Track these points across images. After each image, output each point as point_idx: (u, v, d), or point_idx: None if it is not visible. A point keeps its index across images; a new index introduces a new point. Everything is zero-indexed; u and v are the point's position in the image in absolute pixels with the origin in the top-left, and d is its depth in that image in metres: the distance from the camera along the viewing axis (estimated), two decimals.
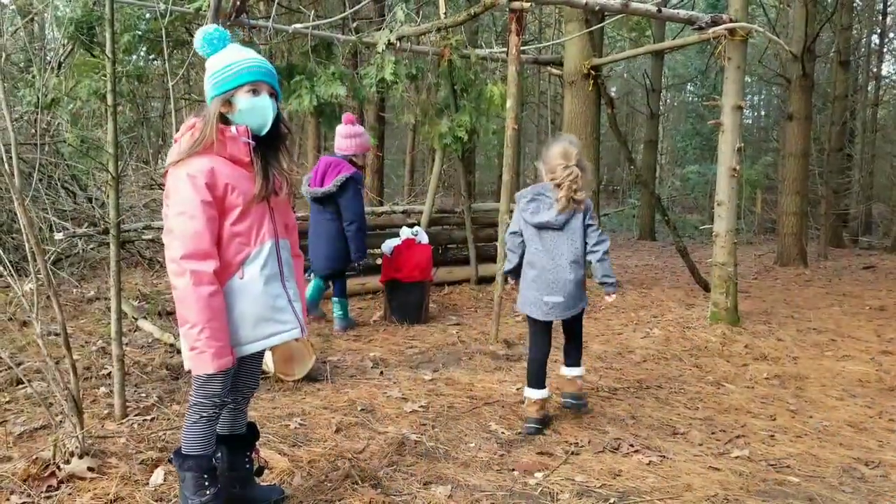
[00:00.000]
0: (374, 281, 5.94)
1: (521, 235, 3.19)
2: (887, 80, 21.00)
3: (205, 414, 2.05)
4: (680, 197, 23.15)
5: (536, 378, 3.12)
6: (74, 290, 5.65)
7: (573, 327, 3.26)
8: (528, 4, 4.15)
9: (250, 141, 2.04)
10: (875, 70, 18.84)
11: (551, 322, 3.16)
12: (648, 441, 3.03)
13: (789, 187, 10.28)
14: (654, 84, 16.19)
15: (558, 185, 3.08)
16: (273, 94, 2.06)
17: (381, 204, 9.93)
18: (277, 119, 2.08)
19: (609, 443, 2.97)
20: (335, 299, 5.00)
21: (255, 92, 2.01)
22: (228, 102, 2.01)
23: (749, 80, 19.75)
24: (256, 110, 2.02)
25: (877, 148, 18.37)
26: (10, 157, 2.53)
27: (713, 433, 3.19)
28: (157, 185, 9.84)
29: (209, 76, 2.02)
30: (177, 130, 2.09)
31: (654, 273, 9.46)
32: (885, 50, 19.38)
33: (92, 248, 6.88)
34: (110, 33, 2.80)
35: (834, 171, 13.60)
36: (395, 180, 17.18)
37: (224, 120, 2.03)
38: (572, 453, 2.84)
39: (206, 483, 2.06)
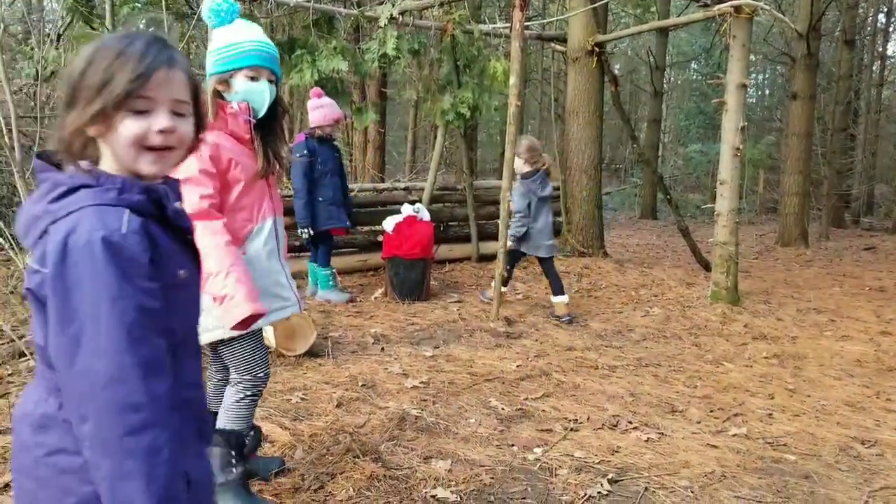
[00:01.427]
0: (375, 258, 5.95)
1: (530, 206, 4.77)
2: (893, 60, 20.81)
3: (250, 392, 2.08)
4: (682, 176, 23.05)
5: (562, 288, 4.84)
6: None
7: (553, 266, 4.89)
8: None
9: (251, 119, 2.03)
10: (880, 50, 18.66)
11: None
12: (647, 418, 3.05)
13: (792, 167, 10.24)
14: (658, 62, 16.02)
15: (546, 167, 4.81)
16: (272, 80, 2.05)
17: (383, 180, 9.89)
18: (275, 102, 2.08)
19: (608, 420, 3.00)
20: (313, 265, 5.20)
21: (254, 78, 2.00)
22: (226, 82, 2.00)
23: (753, 59, 19.57)
24: (253, 94, 2.01)
25: (880, 128, 18.26)
26: (11, 131, 2.52)
27: (711, 411, 3.22)
28: None
29: (212, 50, 2.01)
30: None
31: (655, 252, 9.46)
32: (891, 29, 19.17)
33: None
34: (110, 5, 2.77)
35: (837, 152, 13.53)
36: (396, 157, 17.09)
37: (220, 97, 2.03)
38: (571, 429, 2.87)
39: (234, 461, 2.05)
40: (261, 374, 2.09)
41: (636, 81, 23.65)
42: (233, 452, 2.04)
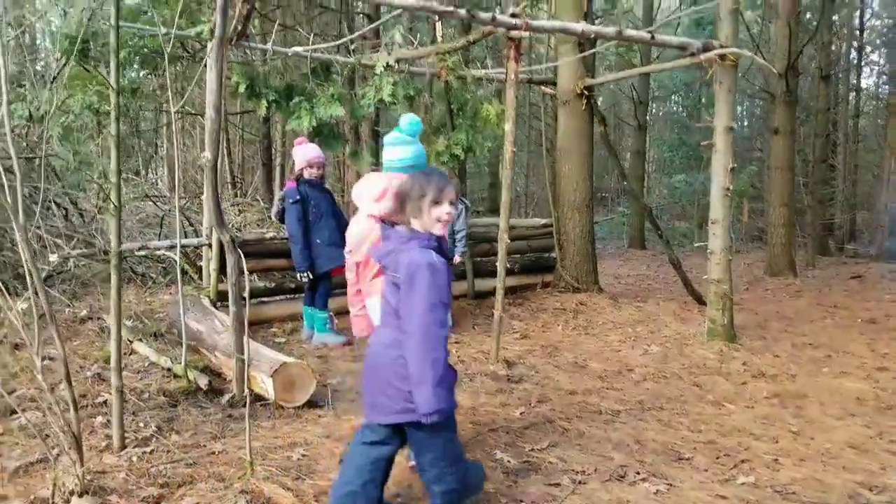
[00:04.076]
0: None
1: None
2: (866, 92, 21.44)
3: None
4: (667, 205, 23.33)
5: None
6: (66, 310, 5.56)
7: None
8: (527, 33, 4.17)
9: None
10: (854, 83, 19.18)
11: None
12: (654, 467, 3.03)
13: (777, 199, 10.40)
14: (641, 96, 16.33)
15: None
16: None
17: None
18: None
19: (615, 470, 2.97)
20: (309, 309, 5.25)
21: None
22: None
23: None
24: None
25: (859, 158, 18.67)
26: (12, 178, 2.49)
27: (717, 458, 3.20)
28: (148, 197, 9.75)
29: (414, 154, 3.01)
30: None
31: (646, 283, 9.51)
32: (863, 63, 19.80)
33: (83, 265, 6.79)
34: (115, 63, 2.78)
35: (818, 182, 13.78)
36: None
37: None
38: (580, 482, 2.84)
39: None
40: None
41: (619, 115, 24.02)
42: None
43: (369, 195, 2.94)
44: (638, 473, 2.94)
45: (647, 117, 19.77)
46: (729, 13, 5.11)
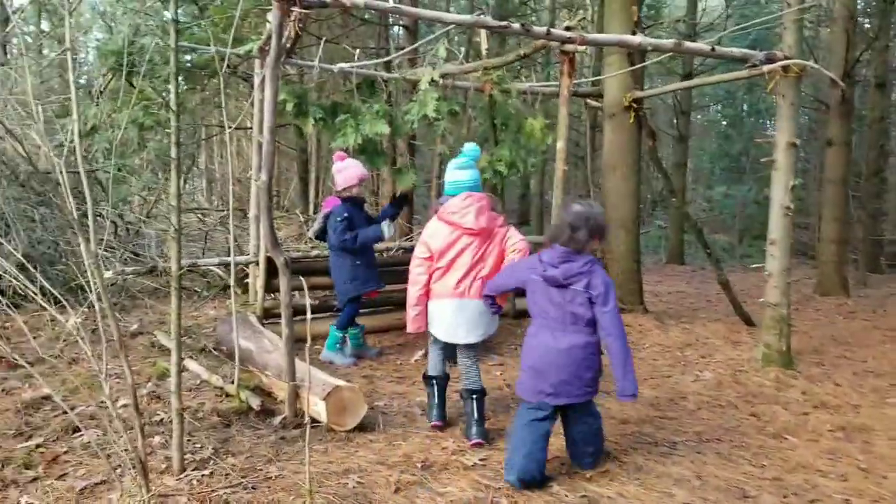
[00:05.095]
0: None
1: None
2: None
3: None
4: (708, 218, 22.86)
5: None
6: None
7: None
8: (583, 47, 4.10)
9: None
10: None
11: None
12: None
13: (829, 214, 10.06)
14: (683, 106, 16.06)
15: None
16: None
17: (411, 230, 9.85)
18: None
19: None
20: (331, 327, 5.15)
21: None
22: None
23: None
24: None
25: None
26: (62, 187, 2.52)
27: (785, 496, 3.06)
28: (192, 211, 9.92)
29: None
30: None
31: (689, 302, 9.28)
32: None
33: (130, 277, 6.90)
34: (175, 86, 2.79)
35: (871, 196, 13.32)
36: (424, 207, 17.15)
37: None
38: None
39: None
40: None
41: (656, 123, 23.66)
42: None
43: (468, 212, 3.50)
44: None
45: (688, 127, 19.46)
46: (793, 22, 4.92)
